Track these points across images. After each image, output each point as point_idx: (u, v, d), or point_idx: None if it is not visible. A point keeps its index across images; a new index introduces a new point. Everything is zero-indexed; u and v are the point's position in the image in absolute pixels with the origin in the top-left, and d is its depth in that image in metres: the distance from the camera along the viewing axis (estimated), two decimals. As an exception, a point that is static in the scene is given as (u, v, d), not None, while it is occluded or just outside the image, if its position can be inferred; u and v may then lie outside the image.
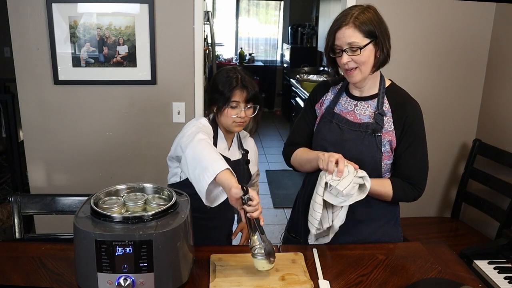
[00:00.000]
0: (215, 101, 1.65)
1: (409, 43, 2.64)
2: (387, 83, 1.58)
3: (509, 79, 2.54)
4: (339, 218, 1.46)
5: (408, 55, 2.65)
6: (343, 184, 1.36)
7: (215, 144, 1.66)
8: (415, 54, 2.66)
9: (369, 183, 1.40)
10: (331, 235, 1.51)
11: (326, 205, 1.46)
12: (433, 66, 2.70)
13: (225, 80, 1.64)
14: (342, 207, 1.44)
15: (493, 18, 2.65)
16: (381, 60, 1.47)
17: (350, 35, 1.41)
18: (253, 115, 1.68)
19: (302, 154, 1.63)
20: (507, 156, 2.46)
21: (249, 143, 1.85)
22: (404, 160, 1.52)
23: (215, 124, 1.71)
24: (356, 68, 1.45)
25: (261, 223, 1.28)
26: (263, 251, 1.29)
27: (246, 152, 1.79)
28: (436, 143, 2.78)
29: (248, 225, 1.30)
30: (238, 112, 1.63)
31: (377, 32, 1.43)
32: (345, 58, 1.44)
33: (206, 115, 1.76)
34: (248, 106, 1.64)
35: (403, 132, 1.50)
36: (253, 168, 1.83)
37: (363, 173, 1.41)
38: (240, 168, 1.73)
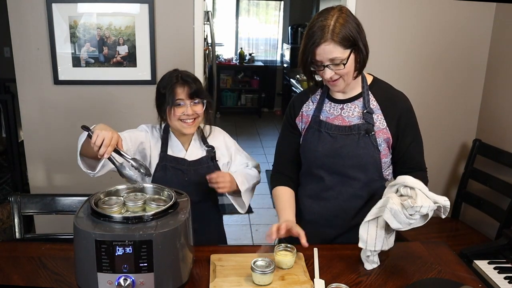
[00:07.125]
0: (161, 105, 1.62)
1: (409, 44, 2.64)
2: (369, 79, 1.53)
3: (509, 79, 2.54)
4: (389, 242, 1.39)
5: (408, 56, 2.66)
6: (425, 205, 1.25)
7: (166, 148, 1.67)
8: (415, 55, 2.66)
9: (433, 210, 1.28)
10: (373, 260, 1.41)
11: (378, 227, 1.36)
12: (433, 66, 2.69)
13: (166, 82, 1.61)
14: (393, 231, 1.37)
15: (493, 18, 2.65)
16: (362, 63, 1.41)
17: (331, 51, 1.33)
18: (202, 111, 1.63)
19: (276, 201, 1.59)
20: (507, 156, 2.46)
21: (217, 137, 1.76)
22: (411, 153, 1.50)
23: (166, 131, 1.69)
24: (339, 78, 1.40)
25: (119, 147, 1.30)
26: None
27: (212, 148, 1.72)
28: (436, 143, 2.79)
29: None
30: (184, 110, 1.58)
31: (356, 39, 1.35)
32: (328, 73, 1.38)
33: (159, 123, 1.72)
34: (194, 101, 1.60)
35: (401, 128, 1.47)
36: (223, 159, 1.74)
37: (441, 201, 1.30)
38: (204, 166, 1.68)
